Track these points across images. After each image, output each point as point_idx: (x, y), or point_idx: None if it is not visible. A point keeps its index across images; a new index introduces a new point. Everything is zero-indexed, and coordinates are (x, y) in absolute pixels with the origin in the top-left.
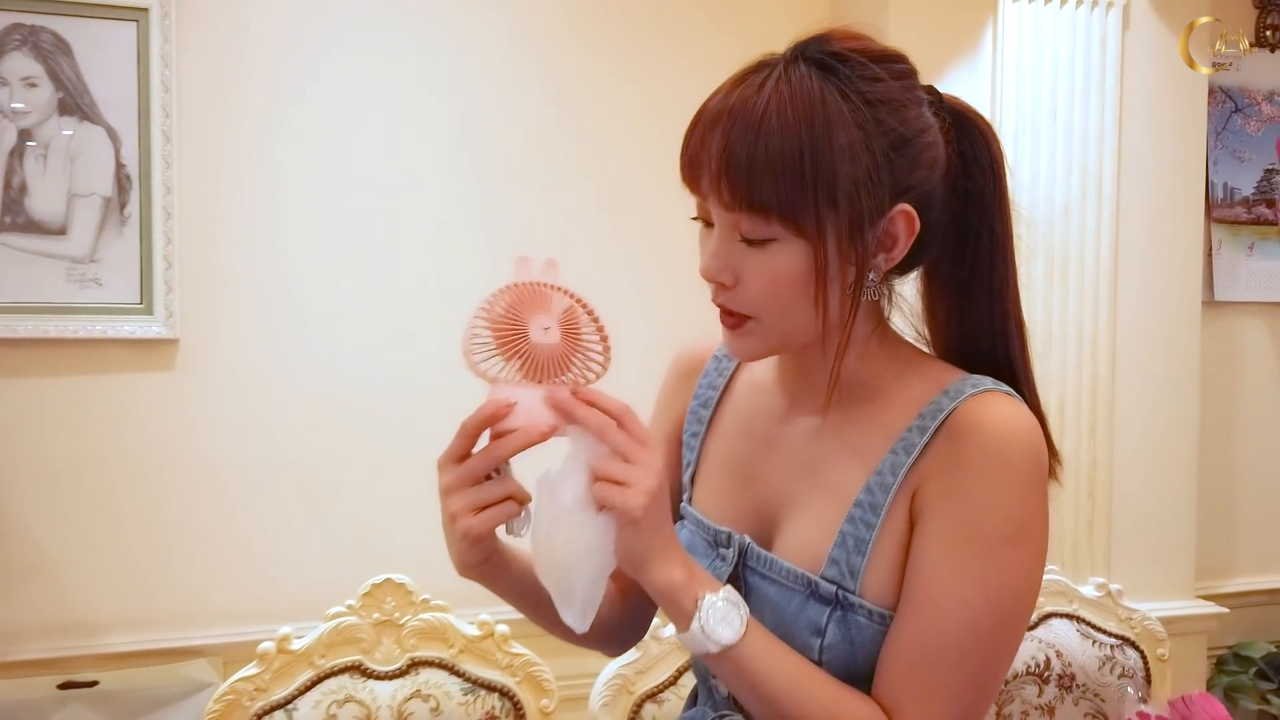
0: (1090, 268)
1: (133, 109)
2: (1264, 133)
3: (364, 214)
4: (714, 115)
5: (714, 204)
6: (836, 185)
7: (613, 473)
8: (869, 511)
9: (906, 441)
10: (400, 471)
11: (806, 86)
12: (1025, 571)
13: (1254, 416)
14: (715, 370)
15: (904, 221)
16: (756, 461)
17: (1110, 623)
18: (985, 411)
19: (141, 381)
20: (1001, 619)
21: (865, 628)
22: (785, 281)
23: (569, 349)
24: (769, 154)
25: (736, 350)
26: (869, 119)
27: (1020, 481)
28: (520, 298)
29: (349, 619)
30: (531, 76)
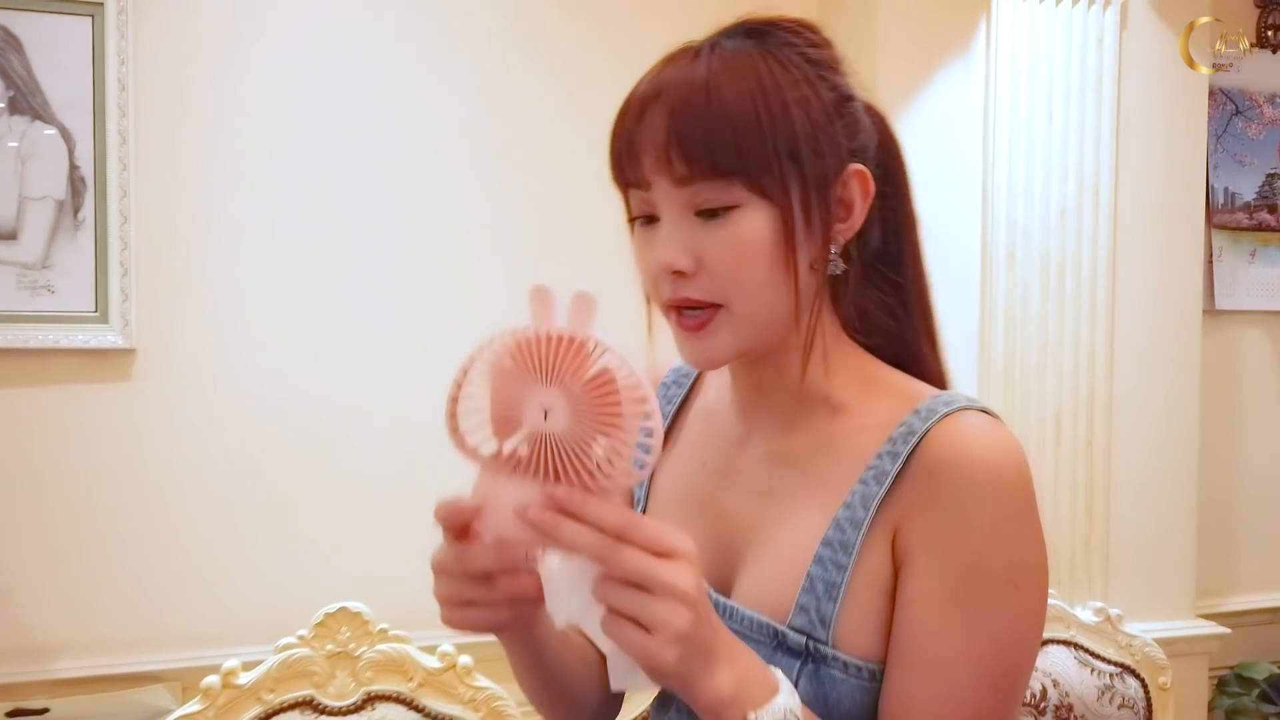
0: (1087, 275)
1: (87, 108)
2: (1265, 136)
3: (328, 219)
4: (649, 95)
5: (663, 185)
6: (796, 138)
7: (628, 608)
8: (839, 551)
9: (877, 469)
10: (364, 490)
11: (744, 49)
12: (1031, 612)
13: (1256, 429)
14: (663, 397)
15: (859, 184)
16: (713, 495)
17: (1109, 649)
18: (964, 437)
19: (96, 393)
20: (1014, 664)
21: (840, 682)
22: (752, 251)
23: (587, 433)
24: (724, 114)
25: (701, 355)
26: (812, 75)
27: (1014, 515)
28: (527, 355)
29: (300, 650)
30: (505, 77)
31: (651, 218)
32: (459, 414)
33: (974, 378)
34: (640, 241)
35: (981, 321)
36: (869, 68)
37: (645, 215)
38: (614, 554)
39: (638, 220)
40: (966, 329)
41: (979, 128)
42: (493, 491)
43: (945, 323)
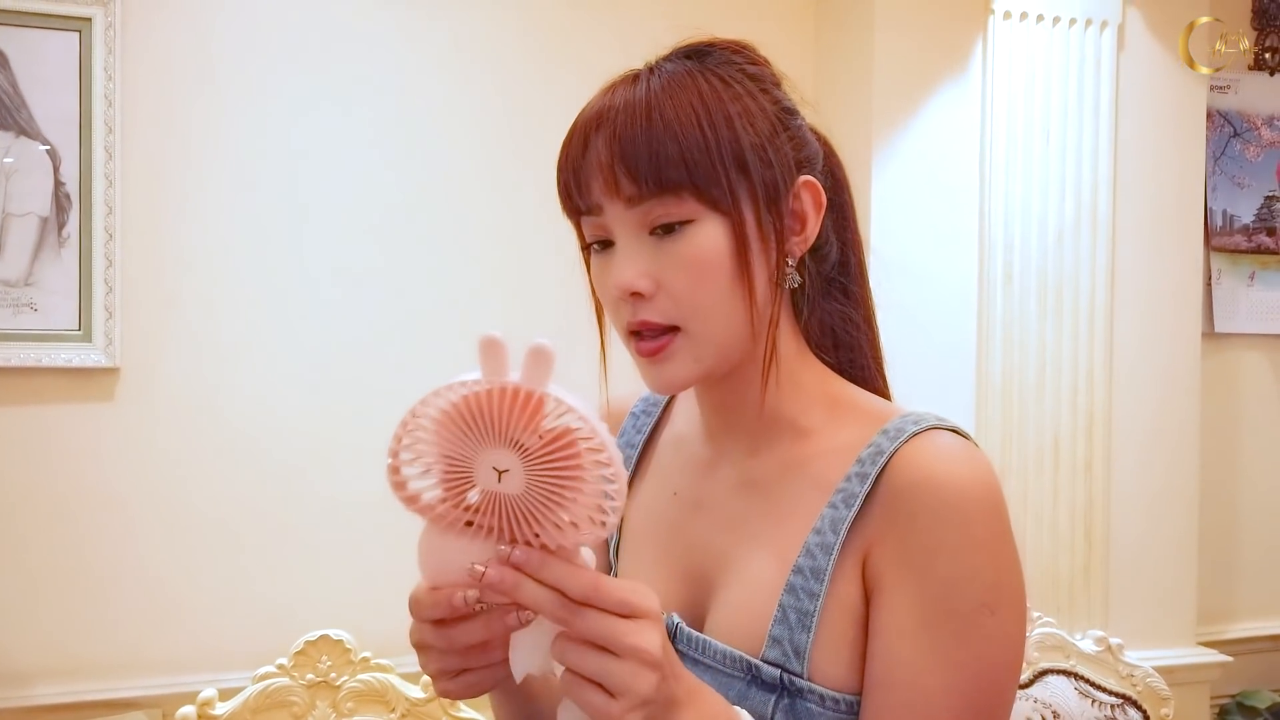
0: (1085, 297)
1: (73, 124)
2: (1264, 158)
3: (315, 240)
4: (592, 120)
5: (614, 207)
6: (741, 148)
7: (590, 671)
8: (811, 578)
9: (846, 492)
10: (347, 516)
11: (685, 70)
12: (1008, 636)
13: (1256, 454)
14: (633, 428)
15: (810, 195)
16: (684, 525)
17: (1110, 680)
18: (933, 458)
19: (79, 413)
20: (994, 692)
21: (817, 715)
22: (708, 265)
23: (546, 493)
24: (666, 129)
25: (663, 379)
26: (752, 89)
27: (986, 539)
28: (479, 412)
29: (279, 680)
30: (497, 92)
31: (606, 242)
32: (402, 468)
33: (971, 399)
34: (597, 267)
35: (979, 343)
36: (866, 88)
37: (599, 240)
38: (576, 616)
39: (592, 247)
40: (963, 350)
41: (975, 148)
42: (440, 547)
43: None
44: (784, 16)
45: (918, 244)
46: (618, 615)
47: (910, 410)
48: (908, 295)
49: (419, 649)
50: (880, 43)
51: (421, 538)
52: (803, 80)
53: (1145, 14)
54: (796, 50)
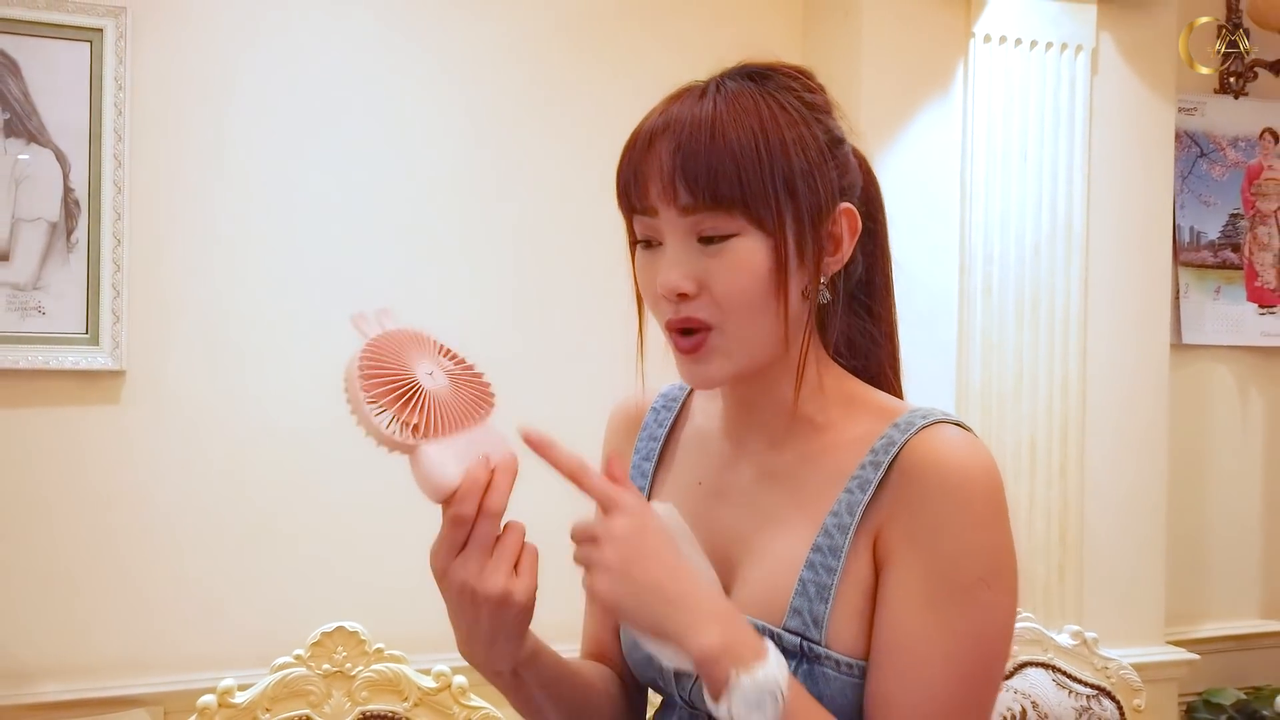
0: (1060, 308)
1: (83, 132)
2: (1229, 178)
3: (321, 245)
4: (656, 129)
5: (668, 213)
6: (793, 174)
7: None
8: (828, 555)
9: (861, 479)
10: (356, 513)
11: (747, 91)
12: (1004, 609)
13: (1222, 460)
14: (655, 422)
15: (847, 221)
16: (708, 512)
17: (1086, 672)
18: (940, 447)
19: (85, 415)
20: (989, 660)
21: (833, 679)
22: (750, 276)
23: (463, 390)
24: (727, 148)
25: (698, 375)
26: (808, 117)
27: (986, 518)
28: (388, 349)
29: (297, 670)
30: (504, 95)
31: (653, 242)
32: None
33: (952, 404)
34: (643, 264)
35: (959, 351)
36: (853, 108)
37: (648, 240)
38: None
39: (640, 244)
40: (945, 358)
41: (957, 166)
42: (426, 465)
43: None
44: (772, 38)
45: (902, 255)
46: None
47: (918, 406)
48: None
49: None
50: (867, 64)
51: (413, 473)
52: None
53: (1117, 40)
54: None
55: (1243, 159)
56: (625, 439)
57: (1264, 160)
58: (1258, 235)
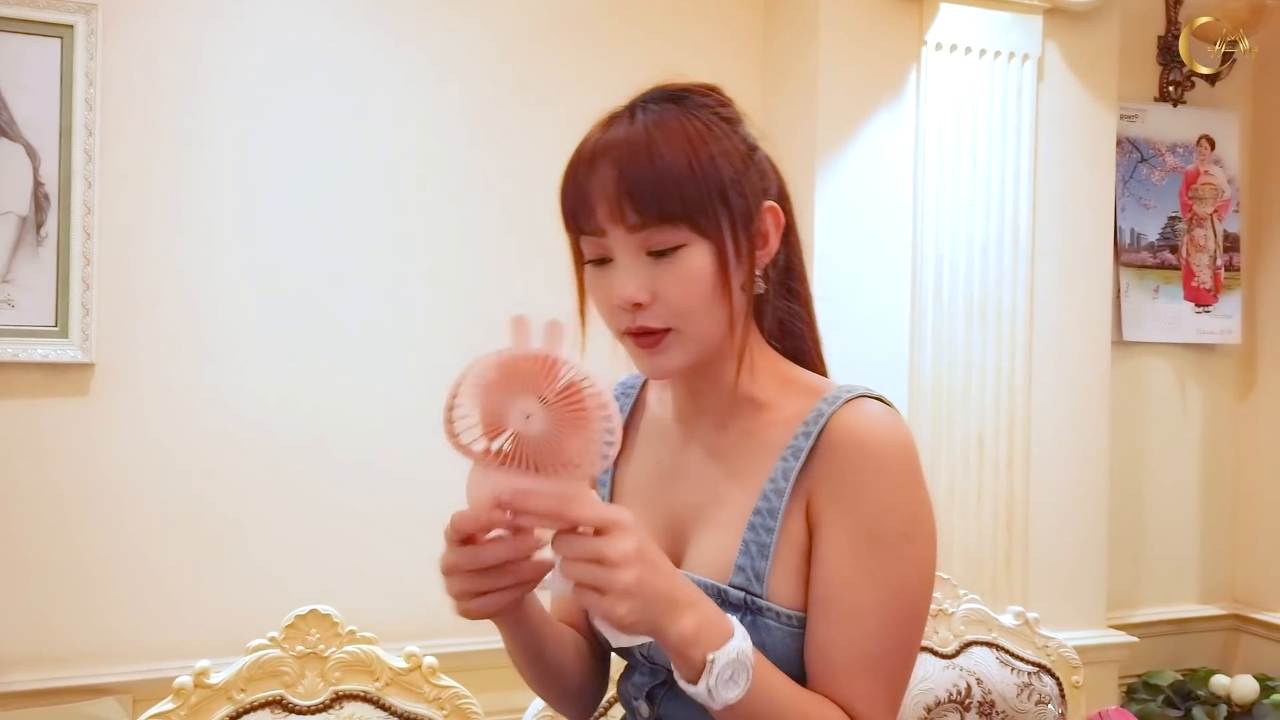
0: (1007, 307)
1: (54, 127)
2: (1167, 182)
3: (292, 239)
4: (597, 152)
5: (616, 231)
6: (724, 184)
7: (585, 580)
8: (767, 517)
9: (794, 448)
10: (324, 502)
11: (671, 113)
12: (924, 560)
13: (1159, 452)
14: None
15: (772, 218)
16: (666, 491)
17: (1028, 650)
18: (860, 419)
19: (54, 407)
20: (914, 607)
21: (774, 629)
22: (698, 281)
23: (561, 432)
24: (666, 169)
25: (658, 367)
26: (727, 130)
27: (903, 480)
28: (509, 371)
29: (271, 651)
30: (482, 94)
31: (604, 260)
32: (454, 419)
33: (905, 400)
34: (595, 280)
35: (911, 349)
36: (810, 113)
37: (599, 258)
38: (562, 539)
39: (589, 263)
40: (897, 355)
41: (909, 169)
42: (479, 481)
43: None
44: (734, 47)
45: (856, 257)
46: (595, 532)
47: (845, 384)
48: (847, 304)
49: (447, 574)
50: (824, 71)
51: (468, 476)
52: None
53: (1062, 49)
54: (746, 77)
55: (1181, 164)
56: None
57: (1201, 166)
58: (1194, 237)
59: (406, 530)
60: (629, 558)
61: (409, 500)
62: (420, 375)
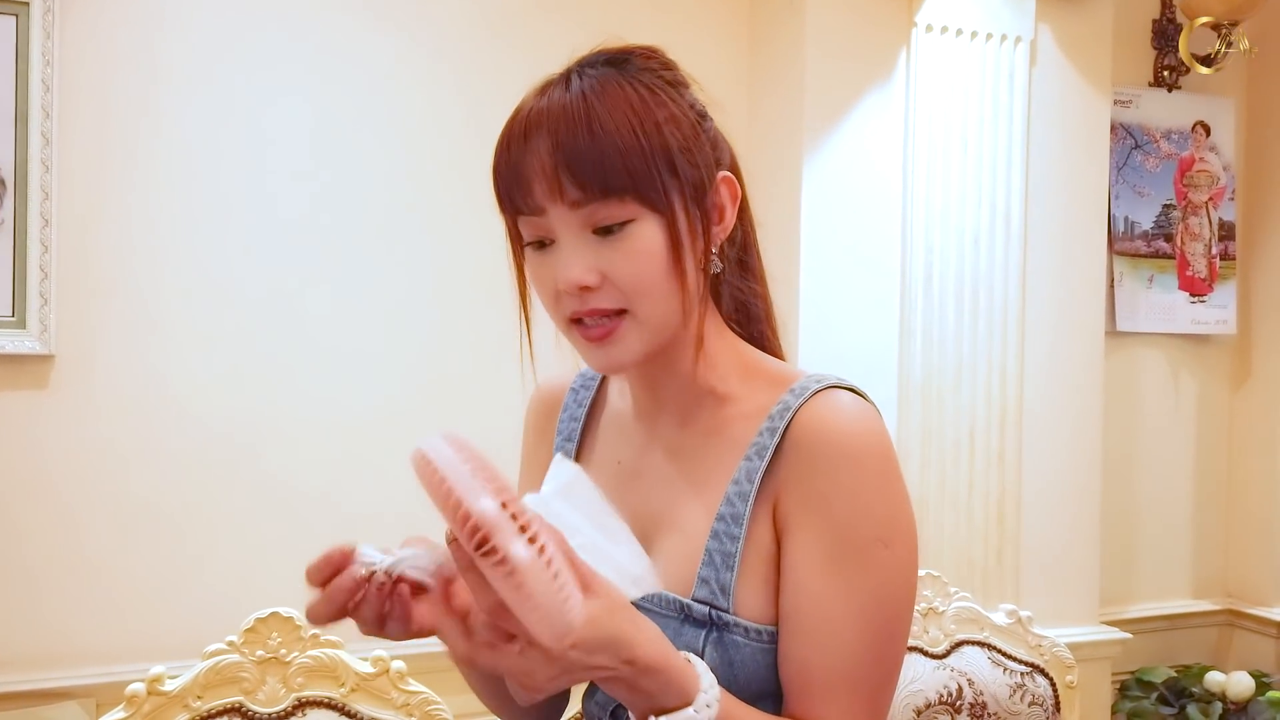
0: (999, 297)
1: (9, 109)
2: (1162, 169)
3: (257, 226)
4: (530, 123)
5: (557, 209)
6: (672, 153)
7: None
8: (731, 524)
9: (759, 445)
10: (288, 501)
11: (611, 77)
12: (903, 565)
13: (1153, 445)
14: (574, 402)
15: (727, 189)
16: (628, 493)
17: (1020, 650)
18: (829, 412)
19: (11, 400)
20: (894, 616)
21: (742, 646)
22: (650, 259)
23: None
24: (607, 138)
25: (611, 359)
26: (674, 95)
27: (877, 480)
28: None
29: (230, 656)
30: (457, 81)
31: (545, 241)
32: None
33: (894, 393)
34: (537, 264)
35: (900, 339)
36: (797, 96)
37: (539, 240)
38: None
39: (529, 245)
40: (886, 347)
41: (899, 154)
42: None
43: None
44: (719, 28)
45: (844, 245)
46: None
47: (814, 372)
48: (834, 294)
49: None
50: (811, 52)
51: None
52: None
53: (1055, 32)
54: (731, 59)
55: (1176, 151)
56: (547, 421)
57: (1196, 152)
58: (1189, 225)
59: (372, 531)
60: (540, 686)
61: (374, 499)
62: (386, 371)
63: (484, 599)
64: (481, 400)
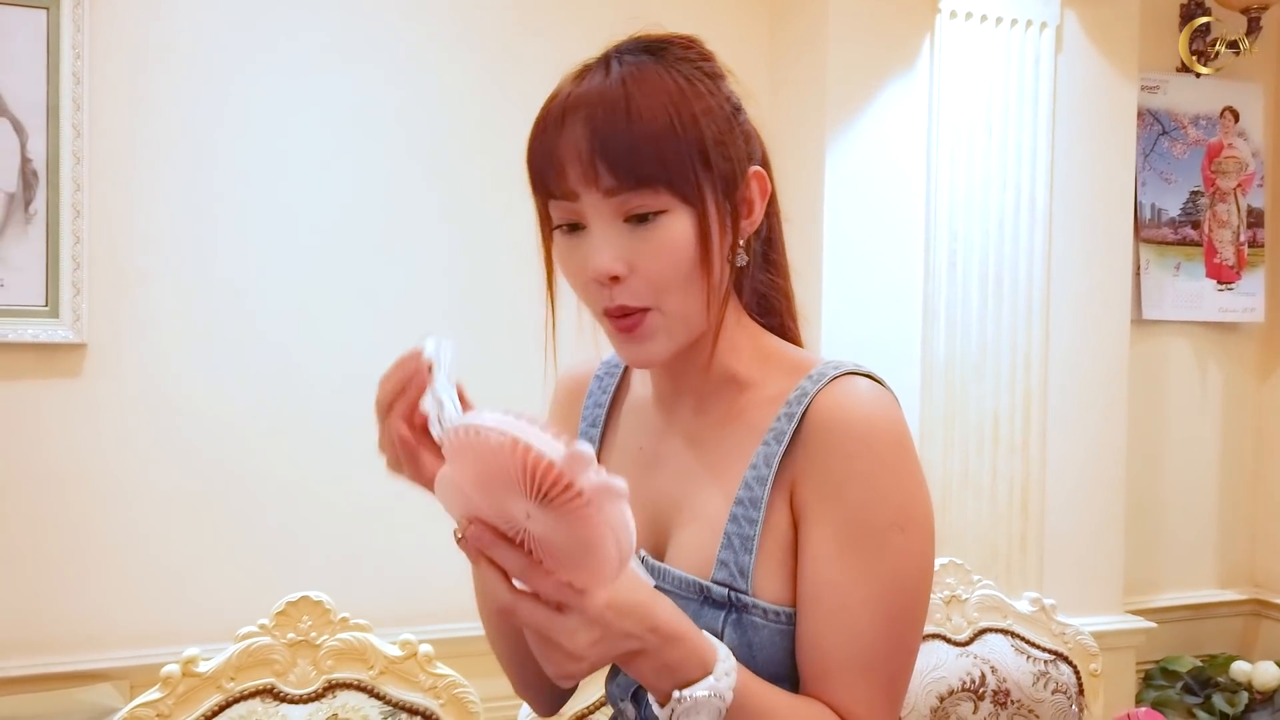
0: (1023, 283)
1: (41, 102)
2: (1189, 156)
3: (284, 214)
4: (568, 108)
5: (591, 195)
6: (706, 146)
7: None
8: (749, 507)
9: (776, 430)
10: (318, 486)
11: (650, 66)
12: (919, 550)
13: (1179, 434)
14: (599, 389)
15: (758, 184)
16: (647, 480)
17: (1044, 638)
18: (845, 398)
19: (45, 388)
20: (910, 601)
21: (761, 627)
22: (679, 253)
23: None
24: (644, 127)
25: (640, 355)
26: (711, 87)
27: (893, 465)
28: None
29: (261, 639)
30: (476, 70)
31: (576, 226)
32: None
33: (917, 378)
34: (567, 250)
35: (924, 326)
36: (820, 83)
37: (570, 224)
38: (511, 604)
39: (558, 229)
40: (909, 332)
41: (923, 141)
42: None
43: (889, 326)
44: (740, 12)
45: (868, 232)
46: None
47: (832, 359)
48: (858, 280)
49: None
50: (834, 39)
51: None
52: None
53: (1081, 17)
54: (753, 47)
55: (1204, 137)
56: (572, 406)
57: (1224, 139)
58: (1217, 213)
59: (401, 516)
60: (582, 652)
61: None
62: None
63: (512, 563)
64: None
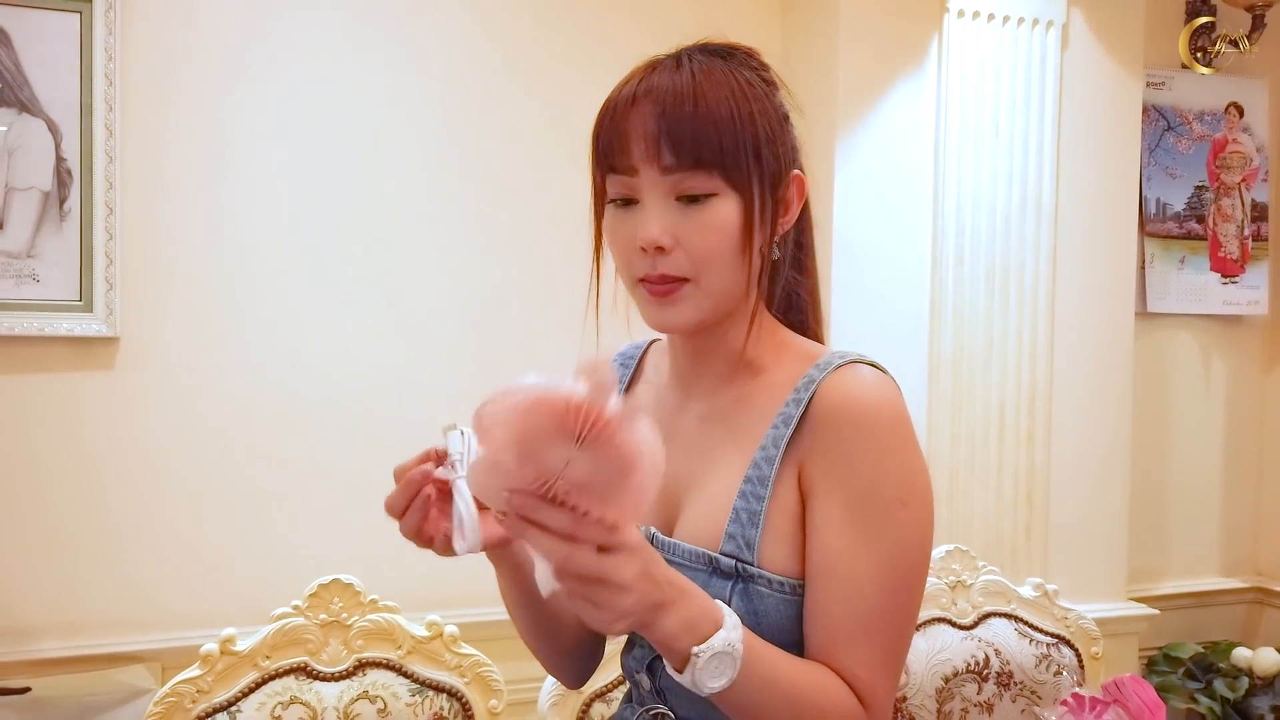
0: (1029, 278)
1: (74, 102)
2: (1194, 151)
3: (313, 212)
4: (639, 94)
5: (650, 172)
6: (760, 141)
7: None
8: (758, 485)
9: (785, 415)
10: (347, 472)
11: (717, 65)
12: (920, 524)
13: (1183, 425)
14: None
15: (797, 186)
16: None
17: (1047, 622)
18: (849, 385)
19: (80, 381)
20: (911, 571)
21: (766, 596)
22: (723, 233)
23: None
24: (708, 115)
25: (669, 319)
26: (768, 92)
27: (894, 446)
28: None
29: (295, 619)
30: (501, 66)
31: (630, 200)
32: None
33: (924, 371)
34: (617, 221)
35: (931, 319)
36: (830, 81)
37: (624, 198)
38: (566, 556)
39: (613, 203)
40: (917, 326)
41: (930, 139)
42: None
43: (897, 320)
44: (751, 12)
45: (877, 227)
46: (600, 549)
47: (838, 350)
48: (867, 275)
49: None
50: (844, 38)
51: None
52: None
53: (1087, 15)
54: (765, 45)
55: (1208, 133)
56: None
57: (1229, 134)
58: (1222, 207)
59: None
60: (632, 583)
61: None
62: (443, 344)
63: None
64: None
